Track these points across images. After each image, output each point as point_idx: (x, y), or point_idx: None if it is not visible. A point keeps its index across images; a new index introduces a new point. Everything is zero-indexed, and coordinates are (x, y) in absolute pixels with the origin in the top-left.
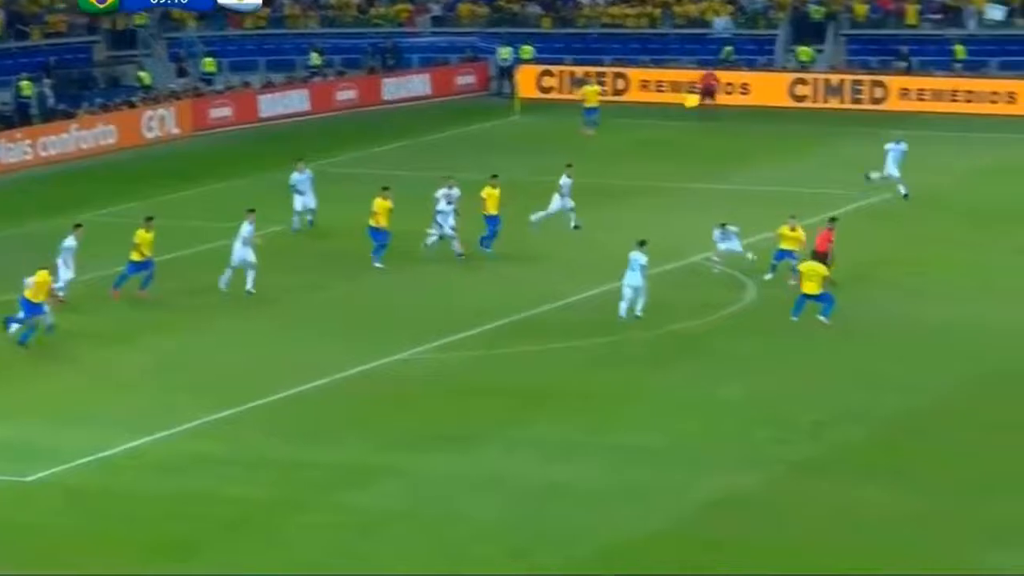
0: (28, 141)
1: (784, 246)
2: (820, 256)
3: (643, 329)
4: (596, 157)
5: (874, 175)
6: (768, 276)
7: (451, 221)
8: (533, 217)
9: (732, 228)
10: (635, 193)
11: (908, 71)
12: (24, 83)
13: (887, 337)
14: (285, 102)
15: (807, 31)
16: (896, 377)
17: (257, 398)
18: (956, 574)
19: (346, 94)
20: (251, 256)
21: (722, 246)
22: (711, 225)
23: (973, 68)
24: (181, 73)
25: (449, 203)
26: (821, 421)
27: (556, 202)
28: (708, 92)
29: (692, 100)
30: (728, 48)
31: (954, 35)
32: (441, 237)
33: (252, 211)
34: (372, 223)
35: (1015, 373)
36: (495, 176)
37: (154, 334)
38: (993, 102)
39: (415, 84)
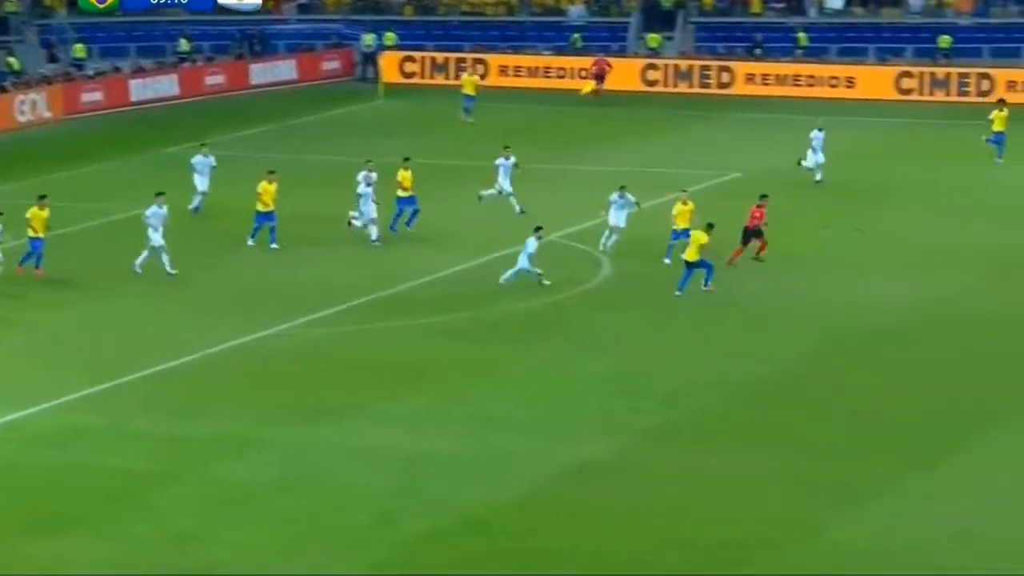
0: None
1: (680, 224)
2: (750, 232)
3: (508, 303)
4: (461, 140)
5: (806, 162)
6: (667, 261)
7: (371, 205)
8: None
9: (630, 196)
10: (490, 174)
11: (759, 57)
12: None
13: (738, 308)
14: (155, 87)
15: (658, 19)
16: (746, 347)
17: (134, 372)
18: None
19: (214, 79)
20: (158, 239)
21: (612, 217)
22: (573, 204)
23: (814, 54)
24: (52, 59)
25: (368, 185)
26: (675, 390)
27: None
28: (599, 77)
29: (588, 86)
30: (575, 36)
31: (796, 23)
32: (364, 224)
33: (161, 194)
34: (259, 207)
35: (853, 340)
36: (407, 159)
37: (34, 311)
38: (833, 86)
39: (281, 69)
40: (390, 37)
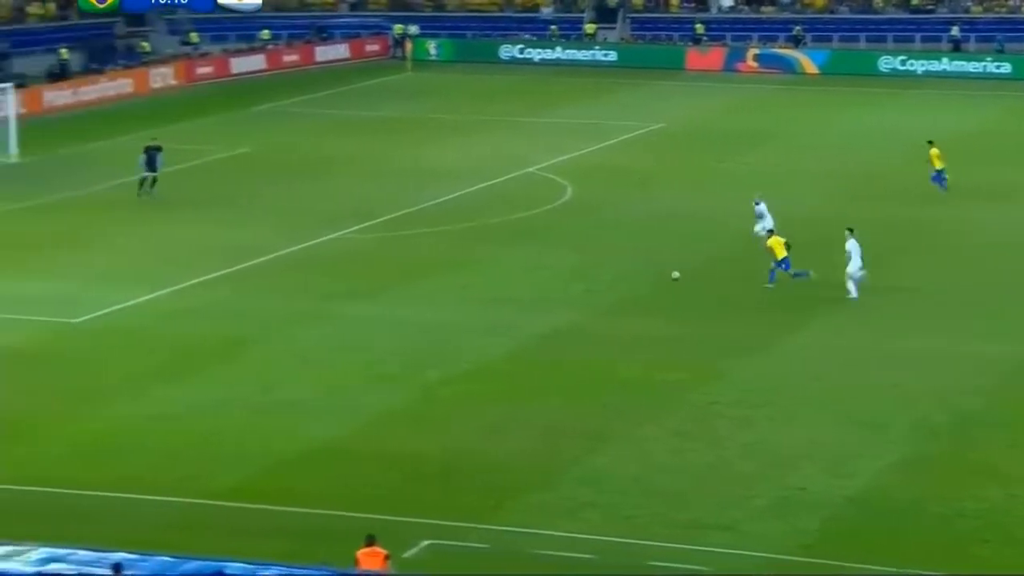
0: (71, 90)
1: (937, 165)
2: None
3: (493, 217)
4: (468, 101)
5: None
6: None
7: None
8: None
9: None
10: (486, 125)
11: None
12: (63, 50)
13: (657, 221)
14: (248, 63)
15: (604, 14)
16: (651, 251)
17: (229, 267)
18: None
19: (291, 57)
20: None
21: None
22: (542, 146)
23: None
24: (184, 43)
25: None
26: (619, 279)
27: None
28: None
29: None
30: (553, 27)
31: (699, 17)
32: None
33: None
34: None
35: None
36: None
37: (153, 225)
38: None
39: (338, 50)
40: (414, 28)
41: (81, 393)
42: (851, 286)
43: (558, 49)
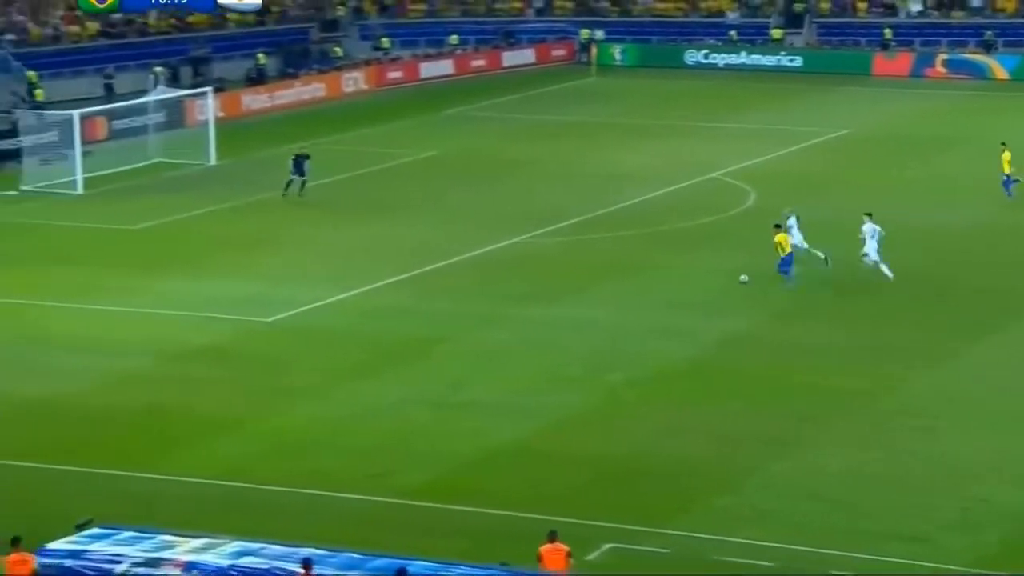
0: (267, 94)
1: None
2: None
3: (676, 223)
4: (650, 105)
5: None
6: None
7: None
8: None
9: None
10: (670, 130)
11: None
12: (260, 55)
13: (821, 229)
14: (437, 68)
15: (791, 19)
16: (832, 258)
17: (418, 268)
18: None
19: (478, 62)
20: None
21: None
22: (720, 152)
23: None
24: (375, 48)
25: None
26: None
27: None
28: None
29: None
30: (732, 32)
31: (887, 22)
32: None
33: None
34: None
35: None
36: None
37: (349, 226)
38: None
39: (525, 55)
40: (599, 33)
41: (275, 391)
42: (885, 268)
43: (743, 54)
